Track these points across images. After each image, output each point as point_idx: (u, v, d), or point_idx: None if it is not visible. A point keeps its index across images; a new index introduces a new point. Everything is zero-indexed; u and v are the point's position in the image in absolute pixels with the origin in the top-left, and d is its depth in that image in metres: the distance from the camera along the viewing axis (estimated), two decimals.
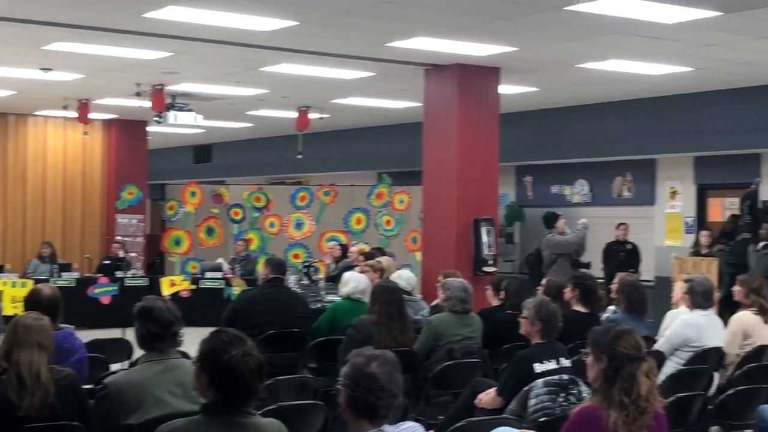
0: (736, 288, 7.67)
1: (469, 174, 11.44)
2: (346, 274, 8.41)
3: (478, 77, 11.45)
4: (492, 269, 11.33)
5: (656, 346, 7.00)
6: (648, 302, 7.72)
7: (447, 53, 10.56)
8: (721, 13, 8.28)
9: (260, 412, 3.68)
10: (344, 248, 12.55)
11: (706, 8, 8.16)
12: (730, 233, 12.35)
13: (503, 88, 11.95)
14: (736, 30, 9.04)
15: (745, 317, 7.42)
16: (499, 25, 9.09)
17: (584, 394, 5.13)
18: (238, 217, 16.41)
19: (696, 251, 12.28)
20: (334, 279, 10.72)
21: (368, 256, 10.42)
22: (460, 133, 11.45)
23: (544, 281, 8.29)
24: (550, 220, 12.31)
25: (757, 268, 10.76)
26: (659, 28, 8.90)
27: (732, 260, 11.76)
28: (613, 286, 7.88)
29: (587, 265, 12.17)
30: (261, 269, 8.43)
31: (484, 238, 11.40)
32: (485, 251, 11.41)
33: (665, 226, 14.37)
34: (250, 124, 18.70)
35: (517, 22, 8.93)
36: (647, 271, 13.44)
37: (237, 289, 13.89)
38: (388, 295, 7.00)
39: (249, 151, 21.93)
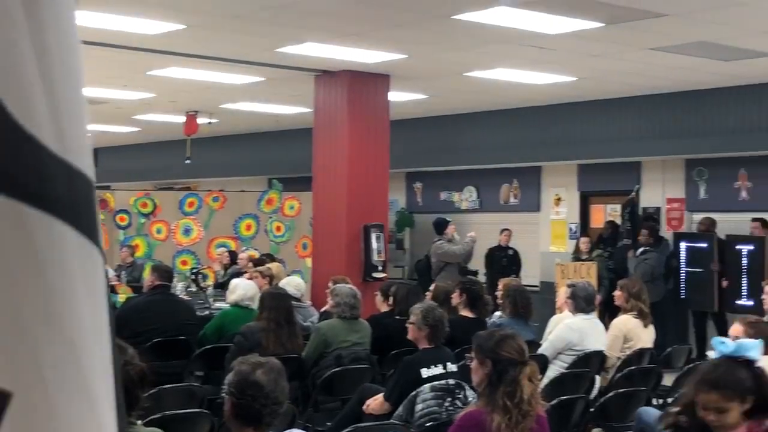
0: (617, 292, 7.89)
1: (359, 180, 11.48)
2: (234, 281, 8.34)
3: (368, 84, 11.51)
4: (382, 275, 11.39)
5: (540, 350, 7.14)
6: (533, 307, 7.88)
7: (337, 59, 10.58)
8: (603, 25, 8.52)
9: (144, 421, 3.61)
10: (233, 255, 12.43)
11: (588, 20, 8.38)
12: (609, 239, 12.69)
13: (393, 95, 12.04)
14: (617, 41, 9.31)
15: (625, 321, 7.64)
16: (388, 33, 9.15)
17: (470, 399, 5.19)
18: (124, 223, 16.06)
19: (576, 257, 12.59)
20: (222, 286, 10.60)
21: (258, 262, 10.35)
22: (350, 139, 11.49)
23: (432, 287, 8.38)
24: (440, 227, 12.44)
25: (636, 273, 11.09)
26: (544, 38, 9.10)
27: (611, 265, 12.10)
28: (499, 292, 8.01)
29: (474, 273, 12.35)
30: (147, 276, 8.28)
31: (374, 244, 11.46)
32: (375, 257, 11.46)
33: (550, 232, 14.68)
34: (137, 129, 18.37)
35: (407, 30, 9.00)
36: (533, 276, 13.70)
37: (123, 296, 13.57)
38: (276, 302, 6.97)
39: (136, 155, 21.54)
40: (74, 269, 1.00)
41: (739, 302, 10.81)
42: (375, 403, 5.63)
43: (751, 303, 10.15)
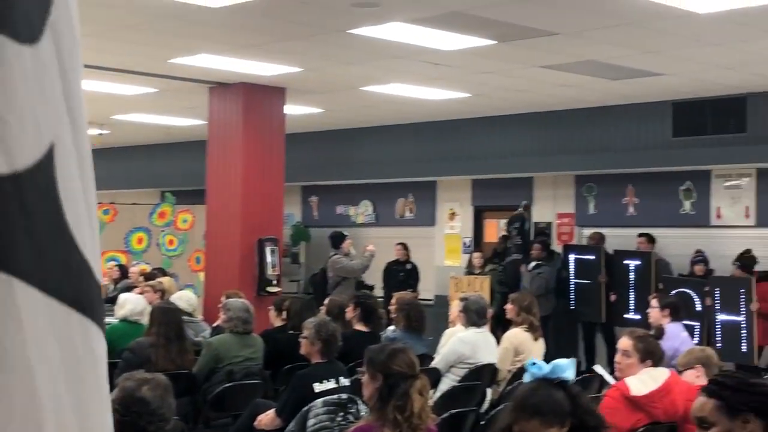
0: (508, 306, 8.00)
1: (253, 193, 11.39)
2: (123, 296, 8.17)
3: (263, 96, 11.44)
4: (276, 289, 11.30)
5: (433, 364, 7.19)
6: (426, 320, 7.92)
7: (232, 71, 10.49)
8: (495, 42, 8.65)
9: None
10: (124, 269, 12.17)
11: (481, 37, 8.50)
12: (502, 253, 12.87)
13: (289, 108, 11.99)
14: (509, 59, 9.47)
15: (516, 334, 7.75)
16: (284, 46, 9.12)
17: (363, 413, 5.17)
18: None
19: (470, 271, 12.72)
20: (112, 301, 10.36)
21: (149, 276, 10.15)
22: (245, 152, 11.39)
23: (326, 301, 8.36)
24: (337, 241, 12.24)
25: (529, 287, 11.27)
26: (439, 54, 9.20)
27: (503, 279, 12.26)
28: (392, 306, 8.04)
29: (371, 288, 12.36)
30: None
31: (269, 258, 11.37)
32: (269, 271, 11.37)
33: (444, 246, 14.81)
34: None
35: (302, 43, 8.99)
36: (428, 290, 13.80)
37: None
38: (166, 317, 6.85)
39: None
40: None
41: (626, 316, 11.08)
42: (266, 418, 5.57)
43: (638, 317, 10.41)
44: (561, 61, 9.50)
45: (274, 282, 11.42)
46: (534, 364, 3.35)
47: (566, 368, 3.31)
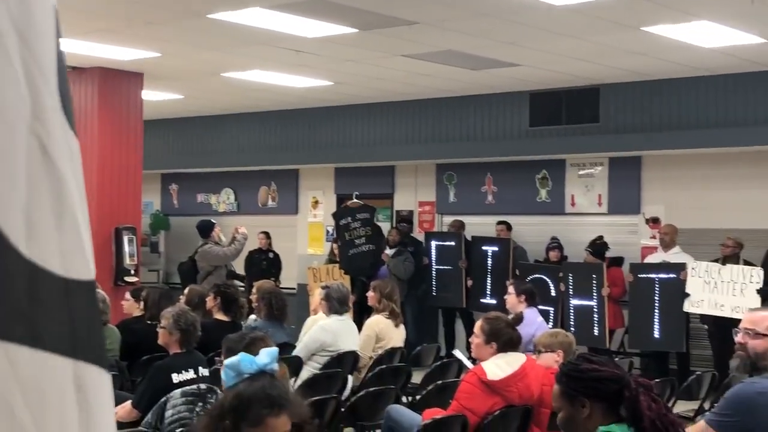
0: (370, 293, 8.05)
1: (110, 181, 11.09)
2: None
3: (120, 81, 11.16)
4: (134, 279, 11.05)
5: (295, 352, 7.17)
6: (288, 309, 7.89)
7: (87, 55, 10.16)
8: (357, 31, 8.66)
9: None
10: None
11: (343, 25, 8.49)
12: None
13: (147, 94, 11.72)
14: (371, 47, 9.50)
15: (377, 321, 7.81)
16: (141, 30, 8.89)
17: None
18: None
19: (331, 259, 12.72)
20: None
21: None
22: (101, 138, 11.08)
23: (186, 290, 8.23)
24: (206, 230, 11.48)
25: (393, 274, 11.36)
26: (300, 42, 9.15)
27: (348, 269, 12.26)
28: (254, 295, 7.97)
29: (242, 278, 12.16)
30: None
31: (126, 247, 11.10)
32: (127, 261, 11.11)
33: (308, 234, 14.78)
34: None
35: (160, 27, 8.78)
36: (290, 279, 13.75)
37: None
38: None
39: None
40: None
41: (483, 301, 11.30)
42: (123, 410, 5.43)
43: (494, 302, 10.62)
44: (421, 50, 9.59)
45: (132, 272, 11.16)
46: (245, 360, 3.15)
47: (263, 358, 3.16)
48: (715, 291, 9.46)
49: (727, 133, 10.62)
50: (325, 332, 7.25)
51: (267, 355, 3.14)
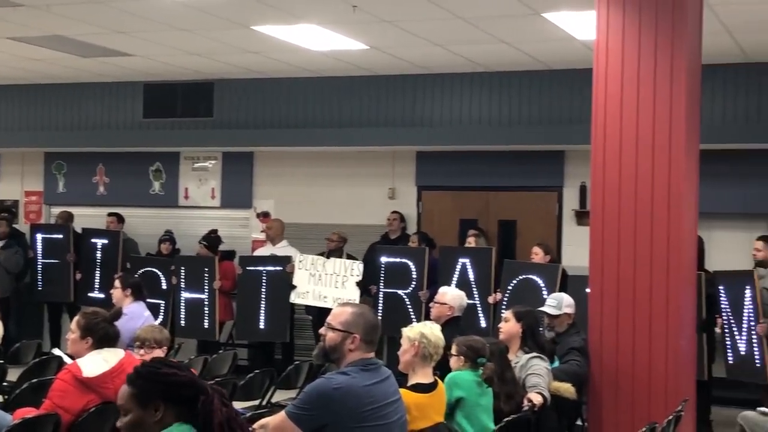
0: None
1: None
2: None
3: None
4: None
5: None
6: None
7: None
8: None
9: None
10: None
11: None
12: None
13: None
14: None
15: None
16: None
17: None
18: None
19: None
20: None
21: None
22: None
23: None
24: None
25: (5, 264, 10.78)
26: None
27: None
28: None
29: None
30: None
31: None
32: None
33: None
34: None
35: None
36: None
37: None
38: None
39: None
40: None
41: (91, 295, 11.00)
42: None
43: (103, 296, 10.36)
44: (28, 34, 9.19)
45: None
46: None
47: None
48: (319, 283, 9.92)
49: (333, 133, 11.19)
50: None
51: None
